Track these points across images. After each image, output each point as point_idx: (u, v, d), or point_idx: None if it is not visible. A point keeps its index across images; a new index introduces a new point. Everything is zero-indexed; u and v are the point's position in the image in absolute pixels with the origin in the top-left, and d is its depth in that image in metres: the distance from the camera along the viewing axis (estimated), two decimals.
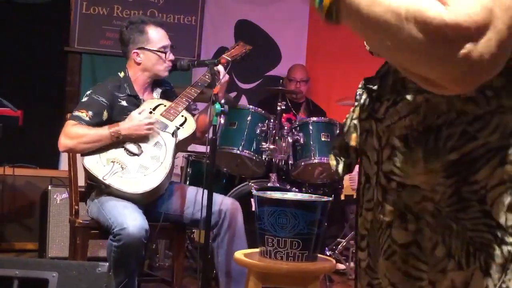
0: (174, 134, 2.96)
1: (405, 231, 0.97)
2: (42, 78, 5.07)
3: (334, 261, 2.63)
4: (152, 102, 3.07)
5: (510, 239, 0.92)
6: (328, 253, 4.05)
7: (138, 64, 3.04)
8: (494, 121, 0.92)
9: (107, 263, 2.09)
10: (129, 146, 2.88)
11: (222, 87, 3.00)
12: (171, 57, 3.09)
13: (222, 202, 2.96)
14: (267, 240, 2.42)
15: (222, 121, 3.50)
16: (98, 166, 2.82)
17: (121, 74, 3.07)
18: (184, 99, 3.05)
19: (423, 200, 0.95)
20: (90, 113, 2.89)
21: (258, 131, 3.71)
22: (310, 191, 3.91)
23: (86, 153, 2.87)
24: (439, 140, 0.94)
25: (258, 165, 3.79)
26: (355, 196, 1.15)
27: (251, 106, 3.92)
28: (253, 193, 2.59)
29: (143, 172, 2.84)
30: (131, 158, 2.87)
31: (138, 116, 2.90)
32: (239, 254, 2.53)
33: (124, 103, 3.00)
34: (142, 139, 2.92)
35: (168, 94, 3.17)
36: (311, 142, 3.77)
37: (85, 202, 3.02)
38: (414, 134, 0.95)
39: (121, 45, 3.11)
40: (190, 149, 4.52)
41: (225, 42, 4.97)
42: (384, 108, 1.00)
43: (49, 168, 4.64)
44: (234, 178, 4.03)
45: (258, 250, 2.51)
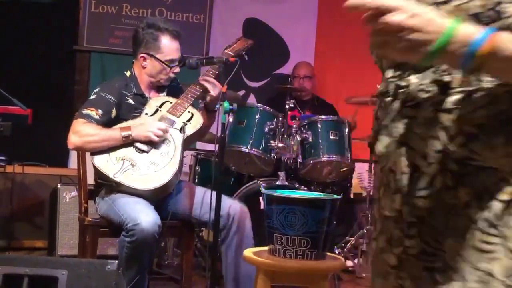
0: (182, 130, 2.96)
1: (481, 211, 1.04)
2: (51, 77, 5.08)
3: (343, 259, 2.63)
4: (158, 99, 3.07)
5: None
6: (337, 251, 4.04)
7: (143, 67, 3.05)
8: None
9: (117, 261, 2.10)
10: (138, 144, 2.88)
11: (215, 99, 2.99)
12: (176, 70, 3.09)
13: (231, 206, 2.93)
14: (276, 238, 2.42)
15: (231, 119, 3.50)
16: (108, 164, 2.83)
17: (127, 73, 3.07)
18: (189, 95, 3.05)
19: (501, 181, 1.03)
20: (100, 111, 2.89)
21: (266, 130, 3.71)
22: (318, 190, 3.91)
23: (95, 152, 2.86)
24: None
25: (267, 163, 3.79)
26: (366, 194, 1.17)
27: (260, 105, 3.92)
28: (261, 191, 2.59)
29: (154, 168, 2.84)
30: (141, 155, 2.87)
31: (151, 122, 2.91)
32: (248, 252, 2.53)
33: (131, 101, 3.00)
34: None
35: (175, 92, 3.16)
36: (320, 141, 3.76)
37: (93, 201, 3.03)
38: (492, 123, 1.03)
39: (132, 43, 3.12)
40: (199, 147, 4.53)
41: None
42: (454, 99, 1.05)
43: (58, 166, 4.65)
44: (243, 177, 4.02)
45: (267, 248, 2.51)
